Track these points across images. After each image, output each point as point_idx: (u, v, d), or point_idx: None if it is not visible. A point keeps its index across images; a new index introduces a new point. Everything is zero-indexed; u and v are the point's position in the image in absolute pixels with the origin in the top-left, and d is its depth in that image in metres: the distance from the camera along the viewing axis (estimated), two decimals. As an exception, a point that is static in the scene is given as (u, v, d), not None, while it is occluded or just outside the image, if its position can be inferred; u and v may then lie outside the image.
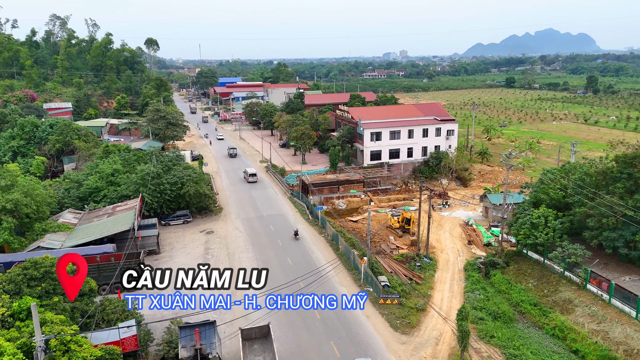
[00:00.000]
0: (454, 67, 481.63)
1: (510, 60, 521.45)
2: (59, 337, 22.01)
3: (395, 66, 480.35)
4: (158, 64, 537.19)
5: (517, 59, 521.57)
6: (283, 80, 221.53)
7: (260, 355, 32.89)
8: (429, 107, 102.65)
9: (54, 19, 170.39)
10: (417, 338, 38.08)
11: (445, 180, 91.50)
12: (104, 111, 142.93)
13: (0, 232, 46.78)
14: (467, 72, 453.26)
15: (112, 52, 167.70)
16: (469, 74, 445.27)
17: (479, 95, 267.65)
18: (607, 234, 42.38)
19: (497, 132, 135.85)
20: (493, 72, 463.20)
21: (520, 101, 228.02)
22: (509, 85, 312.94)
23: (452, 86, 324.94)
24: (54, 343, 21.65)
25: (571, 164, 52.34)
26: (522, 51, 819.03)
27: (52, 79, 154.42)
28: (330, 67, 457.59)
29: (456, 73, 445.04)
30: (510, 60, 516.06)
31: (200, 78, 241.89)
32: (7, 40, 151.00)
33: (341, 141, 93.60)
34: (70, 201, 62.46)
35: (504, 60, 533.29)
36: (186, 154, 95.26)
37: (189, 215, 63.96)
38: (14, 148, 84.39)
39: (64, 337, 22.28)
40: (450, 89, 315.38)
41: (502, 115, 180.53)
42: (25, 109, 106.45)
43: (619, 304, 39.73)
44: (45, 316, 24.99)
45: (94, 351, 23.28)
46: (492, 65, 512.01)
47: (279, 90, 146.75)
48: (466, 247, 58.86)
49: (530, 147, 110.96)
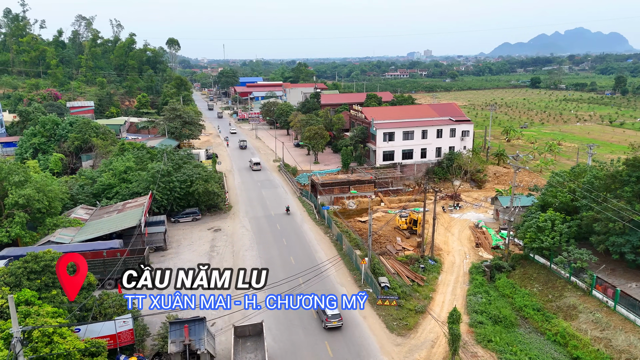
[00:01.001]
0: (478, 67, 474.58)
1: (537, 60, 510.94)
2: (42, 329, 22.69)
3: (418, 66, 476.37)
4: (182, 64, 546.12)
5: (544, 59, 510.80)
6: (303, 80, 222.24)
7: (252, 353, 33.19)
8: (444, 107, 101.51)
9: (79, 19, 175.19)
10: (412, 340, 37.80)
11: (458, 182, 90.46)
12: (125, 110, 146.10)
13: (13, 226, 48.38)
14: (491, 72, 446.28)
15: (135, 52, 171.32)
16: (493, 74, 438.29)
17: (502, 95, 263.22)
18: (613, 239, 41.24)
19: (517, 133, 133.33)
20: (519, 72, 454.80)
21: (545, 102, 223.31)
22: (534, 85, 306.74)
23: (475, 86, 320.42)
24: (37, 334, 22.34)
25: (580, 166, 51.07)
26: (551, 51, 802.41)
27: (77, 78, 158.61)
28: (352, 67, 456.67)
29: (480, 73, 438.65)
30: (537, 60, 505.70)
31: (222, 78, 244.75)
32: (34, 40, 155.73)
33: (354, 141, 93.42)
34: (84, 197, 64.05)
35: (530, 60, 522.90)
36: (201, 152, 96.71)
37: (198, 213, 64.89)
38: (35, 145, 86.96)
39: (47, 329, 22.95)
40: (473, 89, 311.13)
41: (524, 116, 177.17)
42: (48, 107, 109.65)
43: (624, 311, 38.63)
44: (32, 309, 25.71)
45: (78, 343, 23.93)
46: (518, 65, 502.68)
47: (297, 90, 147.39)
48: (473, 250, 58.05)
49: (550, 149, 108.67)
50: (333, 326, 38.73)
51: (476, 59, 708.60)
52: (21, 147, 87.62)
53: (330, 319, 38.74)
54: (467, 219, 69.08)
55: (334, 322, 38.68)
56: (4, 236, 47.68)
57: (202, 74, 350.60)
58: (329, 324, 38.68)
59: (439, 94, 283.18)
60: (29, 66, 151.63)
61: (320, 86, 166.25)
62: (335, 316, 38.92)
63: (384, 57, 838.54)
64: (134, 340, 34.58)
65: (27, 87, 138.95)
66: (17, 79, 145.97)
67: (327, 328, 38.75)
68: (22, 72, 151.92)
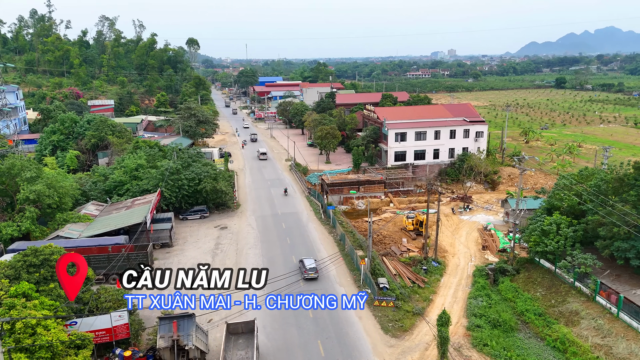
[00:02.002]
0: (502, 66, 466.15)
1: (563, 59, 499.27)
2: (25, 321, 23.40)
3: (441, 65, 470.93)
4: (205, 63, 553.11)
5: (571, 59, 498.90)
6: (322, 80, 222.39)
7: (243, 350, 33.47)
8: (458, 107, 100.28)
9: (103, 20, 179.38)
10: (407, 342, 37.53)
11: (470, 183, 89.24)
12: (145, 108, 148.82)
13: (23, 220, 49.90)
14: (515, 72, 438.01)
15: (155, 52, 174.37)
16: (518, 74, 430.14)
17: (525, 96, 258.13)
18: (618, 244, 40.12)
19: (536, 134, 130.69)
20: (544, 72, 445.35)
21: (569, 103, 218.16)
22: (559, 86, 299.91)
23: (498, 86, 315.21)
24: (19, 326, 23.04)
25: (589, 169, 49.80)
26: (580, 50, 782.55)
27: (99, 77, 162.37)
28: (373, 67, 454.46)
29: (504, 73, 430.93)
30: (564, 60, 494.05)
31: (241, 77, 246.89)
32: (58, 40, 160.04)
33: (366, 141, 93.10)
34: (96, 193, 65.55)
35: (557, 59, 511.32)
36: (214, 151, 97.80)
37: (205, 211, 65.68)
38: (54, 142, 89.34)
39: (30, 321, 23.64)
40: (495, 89, 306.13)
41: (545, 117, 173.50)
42: (69, 106, 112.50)
43: (627, 319, 37.61)
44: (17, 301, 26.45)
45: (61, 336, 24.58)
46: (544, 64, 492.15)
47: (313, 90, 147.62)
48: (480, 253, 57.25)
49: (569, 151, 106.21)
50: (310, 277, 47.17)
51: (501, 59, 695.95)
52: (41, 144, 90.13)
53: (308, 271, 47.34)
54: (477, 221, 68.16)
55: (311, 274, 47.29)
56: (15, 230, 49.17)
57: (223, 73, 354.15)
58: (307, 275, 47.27)
59: (460, 94, 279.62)
60: (53, 65, 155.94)
61: (337, 86, 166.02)
62: (312, 269, 47.51)
63: (407, 57, 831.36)
64: (130, 335, 35.31)
65: (51, 85, 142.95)
66: (41, 77, 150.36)
67: (306, 279, 47.15)
68: (46, 71, 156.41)
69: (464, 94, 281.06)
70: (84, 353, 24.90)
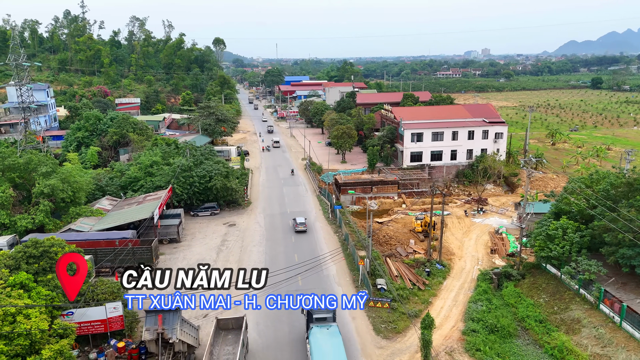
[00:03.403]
0: (537, 66, 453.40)
1: (602, 59, 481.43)
2: (5, 309, 24.45)
3: (472, 65, 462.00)
4: (236, 62, 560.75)
5: (610, 58, 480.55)
6: (348, 79, 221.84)
7: (231, 345, 33.94)
8: (478, 108, 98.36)
9: (133, 20, 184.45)
10: (397, 344, 37.21)
11: (489, 185, 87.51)
12: (171, 106, 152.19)
13: (38, 213, 51.95)
14: (551, 71, 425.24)
15: (182, 52, 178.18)
16: (553, 73, 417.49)
17: (558, 96, 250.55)
18: (623, 251, 38.64)
19: (564, 136, 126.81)
20: (581, 72, 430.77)
21: (603, 104, 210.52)
22: (595, 86, 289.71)
23: (530, 86, 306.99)
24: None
25: (599, 173, 48.04)
26: (622, 50, 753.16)
27: (128, 76, 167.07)
28: (403, 66, 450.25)
29: (538, 73, 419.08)
30: (603, 59, 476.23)
31: (268, 76, 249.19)
32: (90, 40, 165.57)
33: (382, 141, 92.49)
34: (112, 189, 67.54)
35: (595, 58, 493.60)
36: (232, 149, 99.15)
37: (216, 208, 66.73)
38: (79, 139, 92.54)
39: (9, 309, 24.68)
40: (527, 89, 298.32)
41: (576, 119, 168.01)
42: (96, 103, 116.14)
43: (630, 328, 36.17)
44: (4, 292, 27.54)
45: (41, 324, 25.54)
46: (582, 64, 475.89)
47: (335, 89, 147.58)
48: (488, 256, 56.11)
49: (597, 154, 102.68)
50: (300, 230, 58.81)
51: (537, 58, 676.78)
52: (67, 140, 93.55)
53: (298, 225, 59.25)
54: (489, 224, 66.77)
55: (301, 227, 59.01)
56: (29, 223, 51.24)
57: (252, 72, 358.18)
58: (297, 228, 59.07)
59: (490, 94, 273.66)
60: (84, 65, 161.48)
61: (360, 85, 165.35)
62: (302, 224, 59.32)
63: (439, 56, 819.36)
64: (124, 326, 36.36)
65: (81, 84, 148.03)
66: (73, 76, 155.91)
67: (297, 231, 58.97)
68: (78, 70, 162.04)
69: (493, 94, 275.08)
70: (63, 342, 25.77)
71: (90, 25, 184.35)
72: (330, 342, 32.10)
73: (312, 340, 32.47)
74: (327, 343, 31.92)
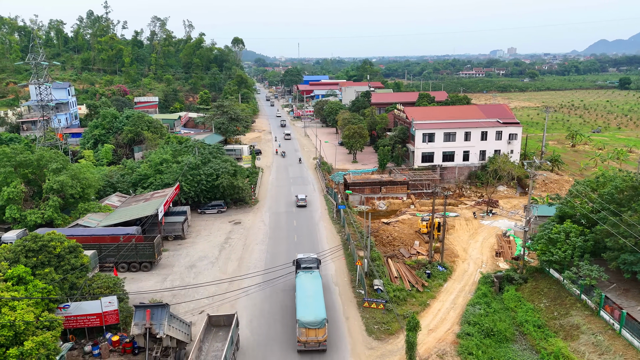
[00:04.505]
0: (564, 65, 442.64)
1: (632, 58, 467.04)
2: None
3: (496, 64, 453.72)
4: (258, 62, 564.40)
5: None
6: (367, 79, 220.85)
7: (220, 342, 34.28)
8: (493, 108, 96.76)
9: (155, 20, 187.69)
10: (388, 345, 36.98)
11: (502, 187, 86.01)
12: (189, 105, 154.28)
13: (47, 208, 53.41)
14: (578, 71, 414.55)
15: (201, 51, 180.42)
16: (580, 73, 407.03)
17: (583, 96, 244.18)
18: (625, 256, 37.51)
19: (585, 138, 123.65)
20: (610, 72, 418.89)
21: (630, 105, 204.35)
22: (623, 86, 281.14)
23: (555, 87, 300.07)
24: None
25: (606, 175, 46.69)
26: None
27: (148, 75, 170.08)
28: (425, 65, 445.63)
29: (565, 72, 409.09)
30: (633, 59, 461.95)
31: (287, 76, 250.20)
32: (112, 40, 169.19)
33: (393, 141, 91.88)
34: (123, 185, 68.93)
35: (625, 58, 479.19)
36: (244, 148, 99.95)
37: (223, 206, 67.42)
38: (96, 136, 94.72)
39: (-5, 301, 25.50)
40: (552, 89, 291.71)
41: (600, 120, 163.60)
42: (114, 102, 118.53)
43: (629, 336, 35.16)
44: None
45: (27, 316, 26.29)
46: (610, 63, 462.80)
47: (351, 89, 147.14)
48: (492, 259, 55.23)
49: (617, 156, 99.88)
50: (301, 205, 69.07)
51: (564, 58, 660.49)
52: (84, 138, 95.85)
53: (299, 201, 69.37)
54: (497, 226, 65.70)
55: (301, 202, 69.14)
56: (39, 217, 52.75)
57: (272, 72, 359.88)
58: (298, 203, 69.37)
59: (513, 94, 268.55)
60: (106, 64, 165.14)
61: (376, 85, 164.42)
62: (302, 199, 69.65)
63: (464, 56, 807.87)
64: (119, 321, 37.13)
65: (103, 83, 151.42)
66: (95, 75, 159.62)
67: (298, 206, 69.12)
68: (100, 69, 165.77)
69: (516, 94, 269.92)
70: (46, 334, 26.44)
71: (113, 25, 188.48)
72: (311, 281, 40.92)
73: (297, 280, 41.58)
74: (309, 281, 40.82)
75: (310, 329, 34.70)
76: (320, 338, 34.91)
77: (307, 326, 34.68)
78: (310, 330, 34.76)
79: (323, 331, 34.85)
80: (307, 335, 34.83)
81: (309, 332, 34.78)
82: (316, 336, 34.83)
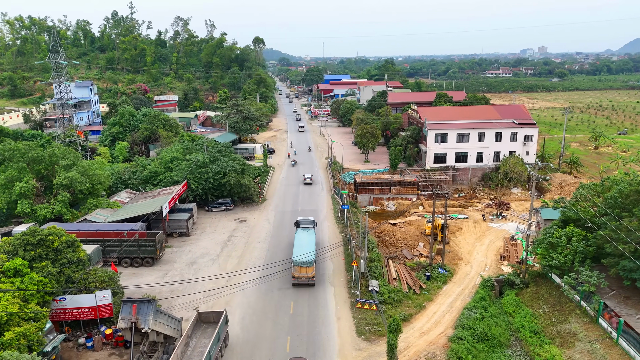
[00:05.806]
0: (595, 65, 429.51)
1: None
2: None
3: (524, 64, 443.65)
4: (282, 61, 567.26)
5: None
6: (389, 78, 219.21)
7: (208, 339, 34.67)
8: (509, 109, 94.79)
9: (177, 20, 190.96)
10: (377, 347, 36.69)
11: (516, 189, 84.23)
12: (208, 104, 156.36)
13: (57, 204, 55.04)
14: (610, 71, 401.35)
15: (222, 50, 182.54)
16: (612, 73, 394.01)
17: (613, 97, 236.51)
18: (624, 263, 36.27)
19: (608, 140, 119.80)
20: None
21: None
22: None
23: (584, 87, 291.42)
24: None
25: (611, 179, 45.18)
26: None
27: (169, 74, 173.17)
28: (450, 65, 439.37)
29: (596, 72, 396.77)
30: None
31: (308, 75, 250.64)
32: (135, 40, 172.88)
33: (406, 141, 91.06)
34: (134, 182, 70.36)
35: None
36: (257, 146, 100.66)
37: (229, 203, 68.12)
38: (114, 134, 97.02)
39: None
40: (580, 89, 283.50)
41: (627, 122, 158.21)
42: (134, 100, 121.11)
43: (626, 345, 33.99)
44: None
45: (10, 308, 27.16)
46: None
47: (369, 88, 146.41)
48: (497, 263, 54.16)
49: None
50: (307, 182, 79.41)
51: (597, 57, 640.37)
52: (103, 135, 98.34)
53: (306, 179, 79.93)
54: (506, 229, 64.40)
55: (308, 180, 79.76)
56: (48, 212, 54.39)
57: (295, 71, 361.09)
58: (305, 181, 79.87)
59: (539, 94, 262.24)
60: (129, 63, 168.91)
61: (394, 84, 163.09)
62: (309, 177, 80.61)
63: (492, 55, 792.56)
64: (113, 314, 37.97)
65: (125, 82, 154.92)
66: (119, 74, 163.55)
67: (305, 183, 79.50)
68: (124, 68, 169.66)
69: (543, 94, 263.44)
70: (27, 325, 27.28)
71: (138, 25, 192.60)
72: (307, 235, 50.59)
73: (296, 234, 51.41)
74: (305, 235, 50.70)
75: (302, 267, 43.98)
76: (309, 274, 44.25)
77: (300, 265, 43.94)
78: (302, 268, 44.05)
79: (312, 269, 44.17)
80: (300, 272, 44.16)
81: (301, 270, 44.11)
82: (307, 273, 44.17)
